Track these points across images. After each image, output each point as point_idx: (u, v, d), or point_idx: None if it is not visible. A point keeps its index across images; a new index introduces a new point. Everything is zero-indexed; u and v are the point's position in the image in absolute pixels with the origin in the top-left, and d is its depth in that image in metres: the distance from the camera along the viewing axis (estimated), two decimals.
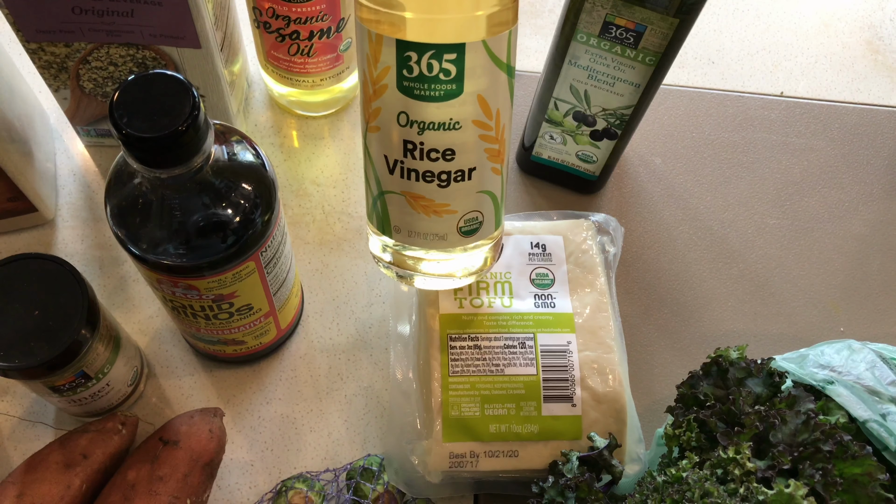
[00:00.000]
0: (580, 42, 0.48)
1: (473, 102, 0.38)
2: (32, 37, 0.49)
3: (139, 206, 0.39)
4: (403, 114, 0.39)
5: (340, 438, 0.53)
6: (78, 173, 0.60)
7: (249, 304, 0.45)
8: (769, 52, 0.71)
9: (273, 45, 0.57)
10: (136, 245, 0.39)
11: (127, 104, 0.34)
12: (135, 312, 0.56)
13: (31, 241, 0.57)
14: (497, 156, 0.41)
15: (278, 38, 0.55)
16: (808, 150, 0.66)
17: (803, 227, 0.63)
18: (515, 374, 0.47)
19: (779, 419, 0.39)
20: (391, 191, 0.42)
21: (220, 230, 0.39)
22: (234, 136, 0.41)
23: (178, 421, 0.48)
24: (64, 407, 0.49)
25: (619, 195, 0.63)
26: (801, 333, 0.59)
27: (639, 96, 0.51)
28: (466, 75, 0.37)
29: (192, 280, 0.41)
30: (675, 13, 0.44)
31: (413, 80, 0.37)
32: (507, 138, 0.42)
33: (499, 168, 0.42)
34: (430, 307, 0.50)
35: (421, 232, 0.43)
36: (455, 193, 0.41)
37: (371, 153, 0.42)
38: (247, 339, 0.50)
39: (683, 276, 0.60)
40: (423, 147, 0.39)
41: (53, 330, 0.42)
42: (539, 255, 0.52)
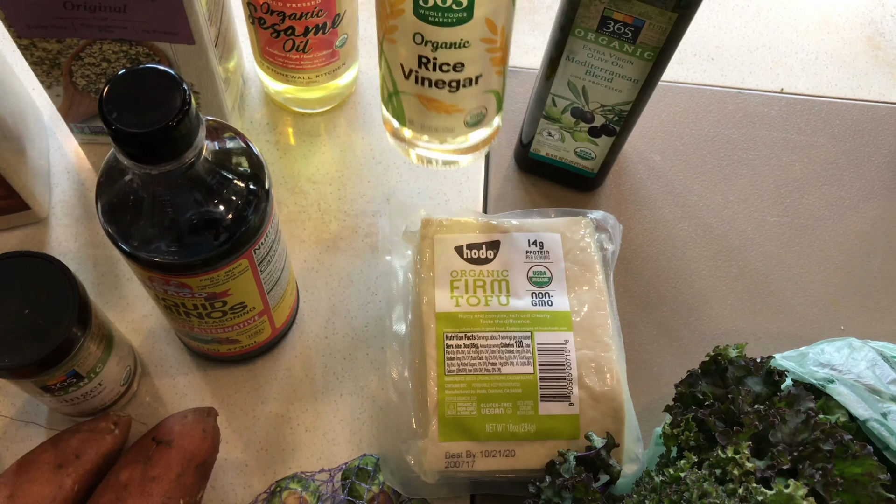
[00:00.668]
0: (578, 37, 0.48)
1: (482, 25, 0.43)
2: (24, 32, 0.48)
3: (130, 203, 0.38)
4: (419, 34, 0.44)
5: (336, 438, 0.52)
6: (72, 171, 0.60)
7: (243, 302, 0.45)
8: (769, 48, 0.70)
9: (268, 42, 0.56)
10: (127, 242, 0.39)
11: (117, 99, 0.34)
12: (128, 311, 0.55)
13: (25, 240, 0.57)
14: (501, 61, 0.47)
15: (273, 34, 0.55)
16: (809, 146, 0.65)
17: (803, 225, 0.62)
18: (512, 373, 0.47)
19: (778, 418, 0.38)
20: (406, 92, 0.48)
21: (212, 227, 0.39)
22: (226, 133, 0.41)
23: (171, 421, 0.48)
24: (56, 407, 0.48)
25: (617, 192, 0.62)
26: (801, 331, 0.58)
27: (637, 92, 0.50)
28: (476, 4, 0.42)
29: (185, 278, 0.40)
30: (673, 7, 0.43)
31: (428, 9, 0.42)
32: (509, 42, 0.47)
33: (501, 70, 0.48)
34: (426, 305, 0.49)
35: (432, 125, 0.50)
36: (463, 96, 0.48)
37: (387, 58, 0.47)
38: (241, 337, 0.49)
39: (682, 273, 0.59)
40: (436, 61, 0.45)
41: (44, 328, 0.41)
42: (536, 253, 0.51)
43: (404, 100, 0.49)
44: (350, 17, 0.56)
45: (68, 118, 0.57)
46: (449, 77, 0.46)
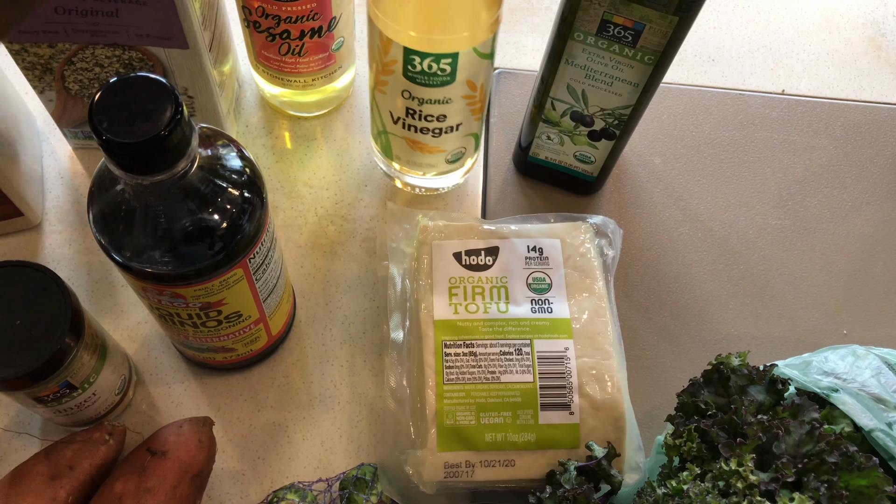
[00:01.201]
0: (577, 41, 0.47)
1: (463, 85, 0.48)
2: (15, 37, 0.48)
3: (122, 213, 0.37)
4: (407, 91, 0.49)
5: (333, 447, 0.52)
6: (65, 176, 0.59)
7: (238, 311, 0.44)
8: (770, 49, 0.70)
9: (263, 45, 0.55)
10: (119, 253, 0.38)
11: (107, 108, 0.33)
12: (123, 318, 0.55)
13: (18, 246, 0.56)
14: (479, 110, 0.52)
15: (268, 37, 0.54)
16: (810, 148, 0.65)
17: (805, 228, 0.62)
18: (512, 382, 0.46)
19: (782, 429, 0.37)
20: (394, 133, 0.53)
21: (206, 237, 0.38)
22: (220, 140, 0.40)
23: (166, 431, 0.47)
24: (49, 417, 0.48)
25: (617, 196, 0.61)
26: (803, 336, 0.57)
27: (637, 96, 0.49)
28: (458, 71, 0.47)
29: (179, 288, 0.40)
30: (674, 11, 0.43)
31: (416, 73, 0.47)
32: (487, 94, 0.52)
33: (480, 116, 0.53)
34: (423, 312, 0.49)
35: (416, 162, 0.56)
36: (445, 140, 0.53)
37: (378, 104, 0.52)
38: (237, 346, 0.49)
39: (683, 278, 0.59)
40: (422, 113, 0.50)
41: (36, 339, 0.41)
42: (536, 259, 0.50)
43: (392, 139, 0.54)
44: (346, 21, 0.55)
45: (61, 123, 0.56)
46: (433, 125, 0.51)
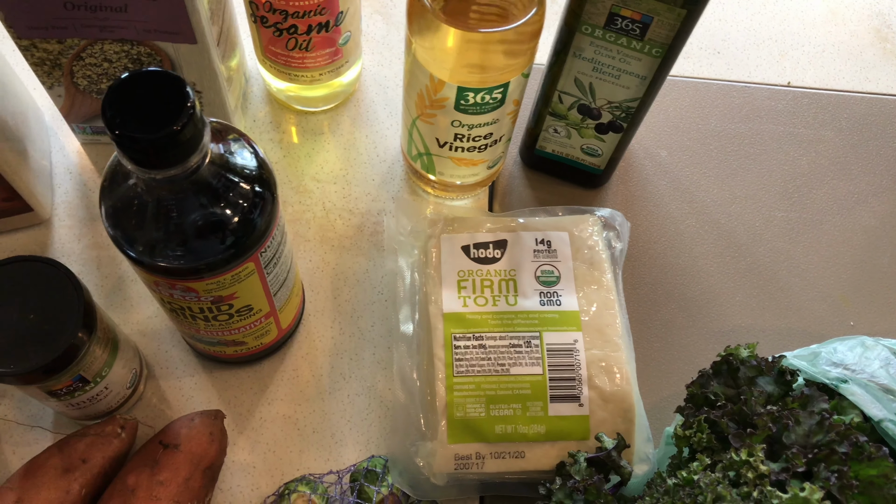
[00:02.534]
0: (585, 34, 0.47)
1: (510, 104, 0.50)
2: (24, 33, 0.48)
3: (134, 208, 0.38)
4: (457, 121, 0.50)
5: (343, 439, 0.52)
6: (74, 171, 0.59)
7: (249, 305, 0.45)
8: (776, 41, 0.70)
9: (270, 40, 0.55)
10: (131, 247, 0.38)
11: (120, 103, 0.33)
12: (133, 312, 0.55)
13: (28, 242, 0.56)
14: (516, 115, 0.53)
15: (276, 32, 0.54)
16: (816, 140, 0.65)
17: (812, 220, 0.62)
18: (521, 374, 0.47)
19: (792, 420, 0.38)
20: (439, 155, 0.54)
21: (217, 231, 0.38)
22: (231, 135, 0.40)
23: (178, 424, 0.48)
24: (62, 411, 0.48)
25: (624, 189, 0.62)
26: (810, 328, 0.58)
27: (645, 88, 0.49)
28: (508, 95, 0.48)
29: (190, 282, 0.40)
30: (682, 4, 0.43)
31: (468, 105, 0.48)
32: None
33: (515, 118, 0.53)
34: (433, 305, 0.49)
35: (459, 174, 0.56)
36: (489, 152, 0.54)
37: (421, 131, 0.53)
38: (247, 339, 0.49)
39: (691, 270, 0.59)
40: (471, 136, 0.51)
41: (49, 333, 0.41)
42: (544, 252, 0.51)
43: (436, 160, 0.55)
44: (353, 15, 0.55)
45: (70, 118, 0.57)
46: (479, 143, 0.52)
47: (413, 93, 0.50)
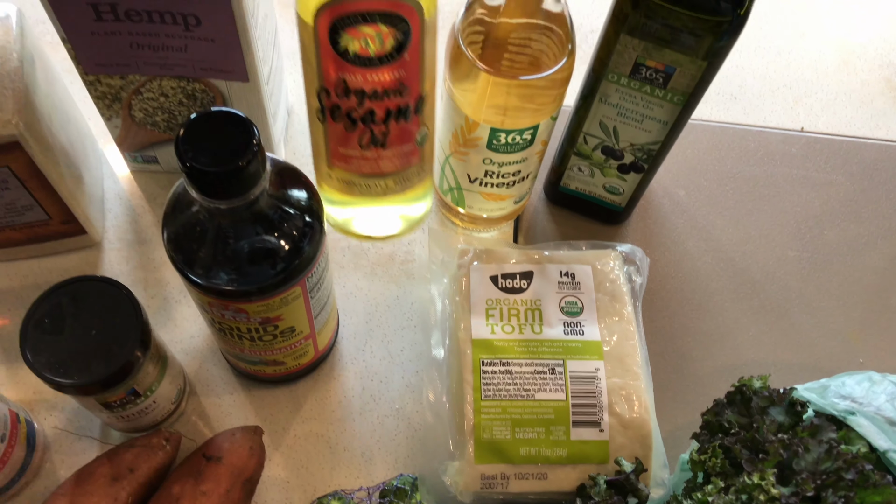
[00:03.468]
0: (611, 81, 0.51)
1: (539, 144, 0.53)
2: (91, 69, 0.52)
3: (196, 234, 0.41)
4: (488, 159, 0.53)
5: (373, 458, 0.55)
6: (123, 197, 0.63)
7: (293, 326, 0.48)
8: (790, 88, 0.73)
9: (341, 139, 0.50)
10: (191, 270, 0.41)
11: (192, 139, 0.37)
12: (177, 332, 0.58)
13: (80, 263, 0.60)
14: (543, 154, 0.56)
15: (348, 124, 0.49)
16: (828, 184, 0.68)
17: (823, 260, 0.64)
18: (545, 399, 0.49)
19: (802, 447, 0.40)
20: (469, 190, 0.57)
21: (271, 257, 0.42)
22: (285, 168, 0.43)
23: (220, 438, 0.50)
24: (111, 422, 0.51)
25: (643, 226, 0.65)
26: (820, 363, 0.60)
27: (666, 133, 0.53)
28: (537, 136, 0.52)
29: (242, 304, 0.43)
30: (703, 56, 0.46)
31: (500, 145, 0.52)
32: None
33: (542, 157, 0.56)
34: (462, 332, 0.52)
35: (487, 208, 0.59)
36: (516, 188, 0.57)
37: (453, 167, 0.56)
38: (287, 359, 0.52)
39: (706, 305, 0.62)
40: (500, 172, 0.55)
41: (109, 349, 0.44)
42: (568, 284, 0.54)
43: (466, 194, 0.58)
44: (430, 109, 0.51)
45: (123, 147, 0.60)
46: (508, 180, 0.56)
47: (448, 132, 0.53)
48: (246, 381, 0.57)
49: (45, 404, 0.55)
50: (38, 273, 0.59)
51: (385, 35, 0.44)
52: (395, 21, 0.43)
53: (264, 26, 0.53)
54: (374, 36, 0.44)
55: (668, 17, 0.45)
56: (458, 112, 0.51)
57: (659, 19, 0.45)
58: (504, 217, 0.61)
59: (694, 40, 0.45)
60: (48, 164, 0.51)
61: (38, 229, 0.56)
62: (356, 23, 0.43)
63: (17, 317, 0.57)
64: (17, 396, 0.55)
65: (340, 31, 0.43)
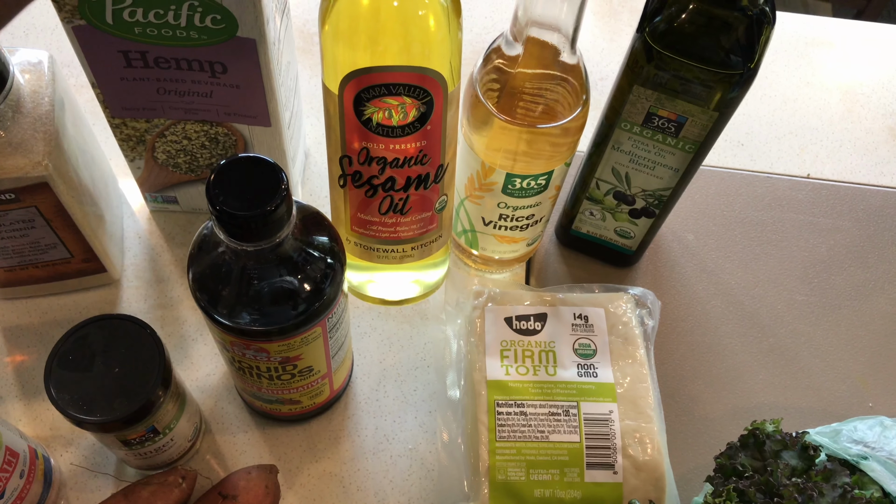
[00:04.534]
0: (624, 130, 0.52)
1: (552, 189, 0.55)
2: (118, 113, 0.53)
3: (221, 274, 0.42)
4: (503, 203, 0.54)
5: (386, 498, 0.55)
6: (143, 236, 0.64)
7: (311, 365, 0.48)
8: (796, 135, 0.75)
9: (361, 204, 0.50)
10: (215, 310, 0.42)
11: (223, 183, 0.38)
12: (193, 370, 0.59)
13: (99, 300, 0.61)
14: (556, 199, 0.57)
15: (369, 191, 0.49)
16: (835, 230, 0.69)
17: (831, 304, 0.65)
18: (560, 441, 0.50)
19: (816, 492, 0.41)
20: (483, 232, 0.58)
21: (293, 298, 0.42)
22: (308, 211, 0.45)
23: (236, 476, 0.51)
24: (128, 459, 0.51)
25: (653, 269, 0.66)
26: (830, 407, 0.60)
27: (677, 179, 0.54)
28: (552, 181, 0.53)
29: (263, 343, 0.44)
30: (714, 107, 0.48)
31: (515, 190, 0.53)
32: None
33: (555, 201, 0.58)
34: (477, 373, 0.53)
35: (500, 250, 0.60)
36: (529, 231, 0.58)
37: (468, 210, 0.57)
38: (303, 398, 0.52)
39: (716, 348, 0.62)
40: (514, 216, 0.56)
41: (131, 387, 0.45)
42: (581, 326, 0.54)
43: (480, 237, 0.59)
44: (450, 177, 0.51)
45: (144, 188, 0.62)
46: (522, 223, 0.57)
47: (464, 176, 0.55)
48: (260, 420, 0.57)
49: (61, 440, 0.55)
50: (58, 310, 0.60)
51: (409, 106, 0.45)
52: (419, 93, 0.44)
53: (287, 73, 0.54)
54: (397, 107, 0.44)
55: (681, 69, 0.46)
56: (475, 157, 0.52)
57: (671, 71, 0.47)
58: (516, 259, 0.62)
59: (705, 92, 0.47)
60: (73, 204, 0.52)
61: (59, 267, 0.57)
62: (381, 94, 0.44)
63: (36, 353, 0.58)
64: (34, 432, 0.55)
65: (365, 101, 0.44)
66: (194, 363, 0.59)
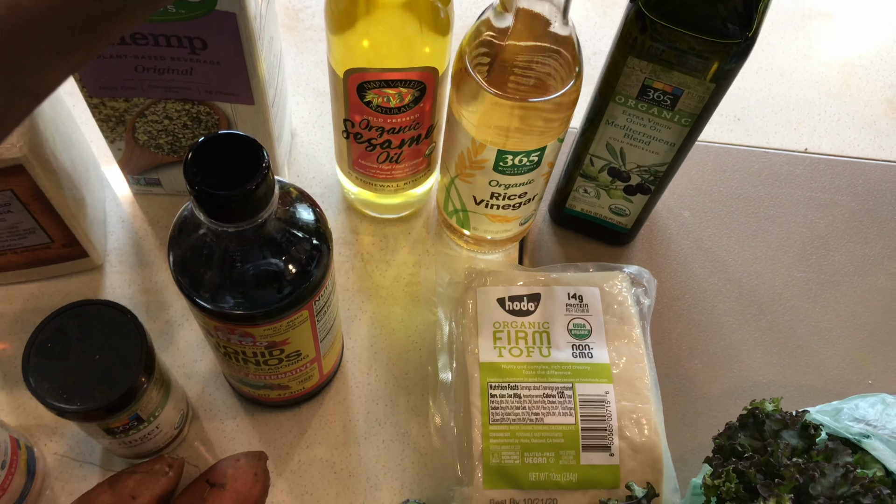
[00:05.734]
0: (618, 103, 0.50)
1: (545, 166, 0.53)
2: (95, 92, 0.51)
3: (202, 257, 0.41)
4: (495, 181, 0.53)
5: (378, 483, 0.54)
6: (126, 220, 0.62)
7: (299, 350, 0.47)
8: (793, 109, 0.73)
9: (361, 155, 0.56)
10: (197, 294, 0.41)
11: (201, 162, 0.36)
12: (179, 356, 0.57)
13: (82, 286, 0.59)
14: (549, 176, 0.56)
15: (368, 147, 0.55)
16: (833, 205, 0.68)
17: (829, 281, 0.64)
18: (555, 423, 0.49)
19: (818, 472, 0.40)
20: (475, 212, 0.57)
21: (278, 281, 0.41)
22: (292, 190, 0.43)
23: (224, 464, 0.50)
24: (113, 448, 0.50)
25: (649, 247, 0.64)
26: (829, 385, 0.60)
27: (673, 154, 0.52)
28: (544, 158, 0.52)
29: (249, 328, 0.43)
30: (711, 78, 0.46)
31: (506, 167, 0.51)
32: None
33: (548, 179, 0.56)
34: (469, 355, 0.51)
35: (492, 230, 0.59)
36: (522, 209, 0.57)
37: (459, 189, 0.56)
38: (292, 383, 0.51)
39: (713, 326, 0.61)
40: (507, 194, 0.54)
41: (113, 374, 0.44)
42: (576, 306, 0.53)
43: (472, 216, 0.58)
44: (439, 128, 0.57)
45: (126, 170, 0.60)
46: (514, 202, 0.55)
47: (454, 153, 0.53)
48: (249, 406, 0.56)
49: (45, 430, 0.54)
50: (40, 297, 0.58)
51: (405, 94, 0.50)
52: (414, 84, 0.50)
53: (270, 49, 0.53)
54: (395, 95, 0.50)
55: (676, 39, 0.45)
56: (465, 134, 0.51)
57: (667, 42, 0.45)
58: (509, 239, 0.61)
59: (702, 63, 0.45)
60: (51, 188, 0.50)
61: (39, 252, 0.56)
62: (380, 87, 0.50)
63: (17, 341, 0.56)
64: (16, 422, 0.54)
65: (366, 89, 0.50)
66: (180, 349, 0.58)
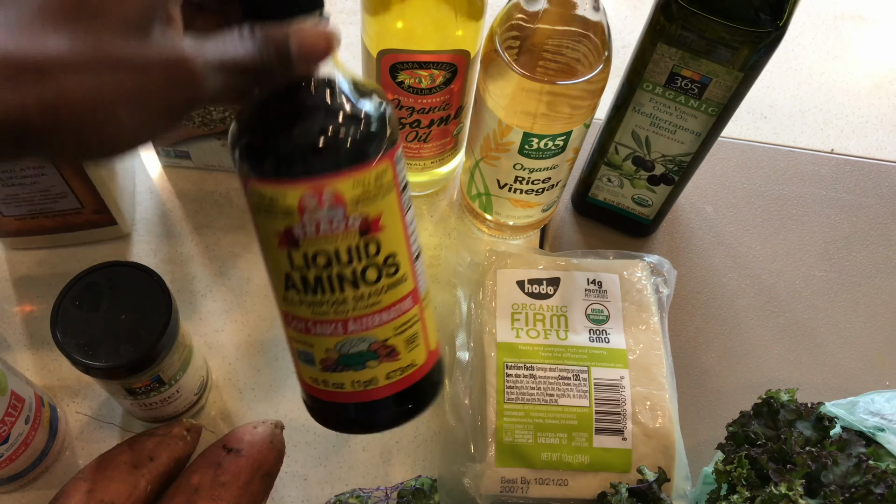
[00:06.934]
0: (645, 90, 0.51)
1: (570, 151, 0.53)
2: None
3: (272, 111, 0.33)
4: (519, 164, 0.53)
5: (391, 458, 0.54)
6: (154, 192, 0.63)
7: (394, 252, 0.35)
8: (821, 110, 0.73)
9: None
10: (277, 150, 0.33)
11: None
12: (202, 326, 0.58)
13: (109, 254, 0.60)
14: (574, 163, 0.56)
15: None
16: (858, 206, 0.67)
17: (850, 281, 0.64)
18: (569, 405, 0.49)
19: (831, 460, 0.40)
20: (498, 196, 0.57)
21: (355, 119, 0.33)
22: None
23: (241, 431, 0.50)
24: (133, 410, 0.51)
25: (669, 240, 0.64)
26: (846, 384, 0.59)
27: (699, 144, 0.53)
28: (570, 143, 0.52)
29: (336, 181, 0.33)
30: (740, 67, 0.46)
31: (531, 150, 0.52)
32: None
33: (572, 165, 0.56)
34: (487, 335, 0.52)
35: (514, 215, 0.59)
36: (546, 195, 0.57)
37: (483, 172, 0.57)
38: (398, 342, 0.36)
39: (731, 321, 0.61)
40: (531, 178, 0.55)
41: (138, 334, 0.44)
42: (595, 292, 0.53)
43: (495, 200, 0.58)
44: (467, 109, 0.57)
45: (155, 143, 0.61)
46: (538, 187, 0.56)
47: (480, 136, 0.54)
48: (268, 378, 0.57)
49: (68, 391, 0.55)
50: (68, 262, 0.59)
51: (436, 75, 0.51)
52: (446, 66, 0.50)
53: None
54: (427, 76, 0.51)
55: (707, 27, 0.45)
56: (492, 115, 0.51)
57: (697, 30, 0.45)
58: (531, 225, 0.61)
59: (731, 52, 0.46)
60: None
61: (70, 218, 0.57)
62: (413, 68, 0.50)
63: (45, 304, 0.57)
64: (41, 382, 0.55)
65: (399, 70, 0.50)
66: (203, 319, 0.59)
